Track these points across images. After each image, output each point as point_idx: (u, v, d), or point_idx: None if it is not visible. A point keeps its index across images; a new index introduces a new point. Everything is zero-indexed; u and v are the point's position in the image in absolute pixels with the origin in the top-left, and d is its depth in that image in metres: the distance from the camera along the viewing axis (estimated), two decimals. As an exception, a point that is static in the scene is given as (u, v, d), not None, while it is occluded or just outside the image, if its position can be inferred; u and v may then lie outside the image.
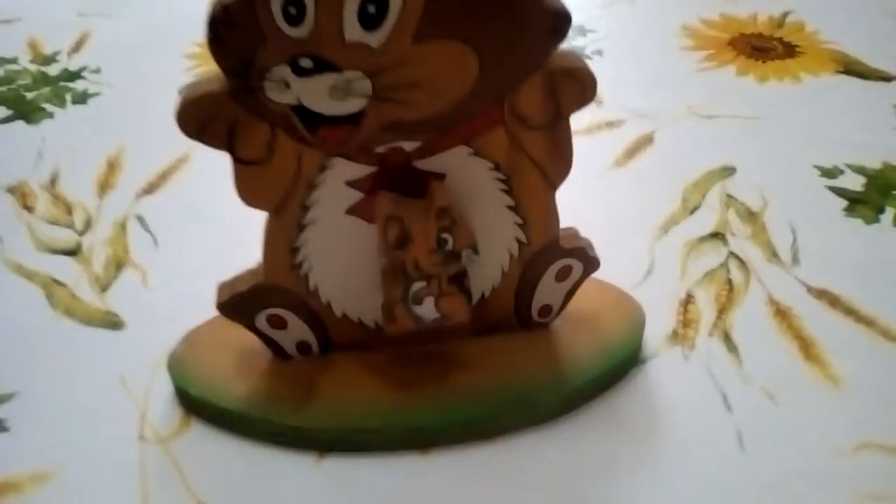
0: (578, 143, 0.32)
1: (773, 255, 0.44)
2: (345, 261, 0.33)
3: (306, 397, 0.34)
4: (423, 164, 0.30)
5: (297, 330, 0.34)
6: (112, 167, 0.52)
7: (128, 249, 0.45)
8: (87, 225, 0.47)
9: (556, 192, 0.33)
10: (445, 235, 0.30)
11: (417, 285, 0.31)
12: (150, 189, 0.50)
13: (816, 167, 0.51)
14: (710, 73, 0.61)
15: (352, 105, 0.27)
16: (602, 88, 0.30)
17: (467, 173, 0.31)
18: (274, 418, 0.33)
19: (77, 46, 0.66)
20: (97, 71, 0.63)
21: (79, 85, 0.61)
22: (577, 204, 0.34)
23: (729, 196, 0.49)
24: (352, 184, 0.31)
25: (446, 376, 0.35)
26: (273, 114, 0.28)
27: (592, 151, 0.52)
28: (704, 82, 0.60)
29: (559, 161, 0.31)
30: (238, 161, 0.29)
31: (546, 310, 0.36)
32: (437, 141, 0.30)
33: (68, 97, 0.60)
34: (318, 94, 0.27)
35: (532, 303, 0.36)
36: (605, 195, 0.49)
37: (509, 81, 0.29)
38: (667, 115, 0.56)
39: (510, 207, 0.32)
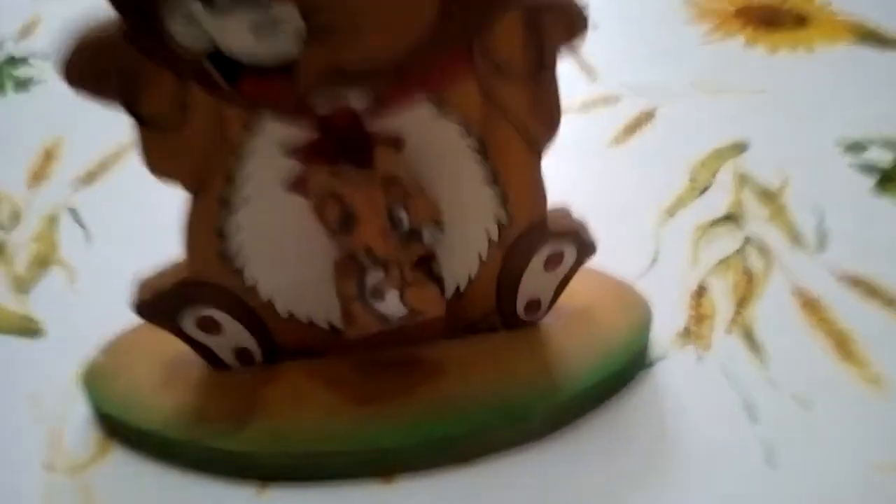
0: (570, 121, 0.26)
1: (797, 239, 0.38)
2: (289, 249, 0.27)
3: (247, 416, 0.28)
4: (378, 128, 0.25)
5: (234, 335, 0.29)
6: (48, 157, 0.46)
7: (56, 246, 0.40)
8: (14, 219, 0.41)
9: (543, 163, 0.27)
10: (399, 211, 0.24)
11: (374, 276, 0.25)
12: (88, 179, 0.44)
13: (839, 142, 0.45)
14: (715, 45, 0.56)
15: (281, 49, 0.22)
16: (597, 63, 0.25)
17: (432, 138, 0.25)
18: (207, 441, 0.28)
19: (25, 32, 0.61)
20: (44, 58, 0.57)
21: (23, 72, 0.56)
22: (569, 185, 0.29)
23: (742, 175, 0.43)
24: (290, 150, 0.25)
25: (415, 387, 0.29)
26: (183, 63, 0.22)
27: (586, 128, 0.47)
28: (709, 55, 0.55)
29: (544, 119, 0.25)
30: (142, 123, 0.24)
31: (534, 305, 0.30)
32: (392, 96, 0.24)
33: (10, 84, 0.55)
34: (237, 35, 0.21)
35: (517, 297, 0.30)
36: (601, 175, 0.43)
37: (478, 17, 0.23)
38: (669, 90, 0.51)
39: (486, 180, 0.27)
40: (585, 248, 0.29)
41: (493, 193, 0.27)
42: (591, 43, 0.25)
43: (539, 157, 0.27)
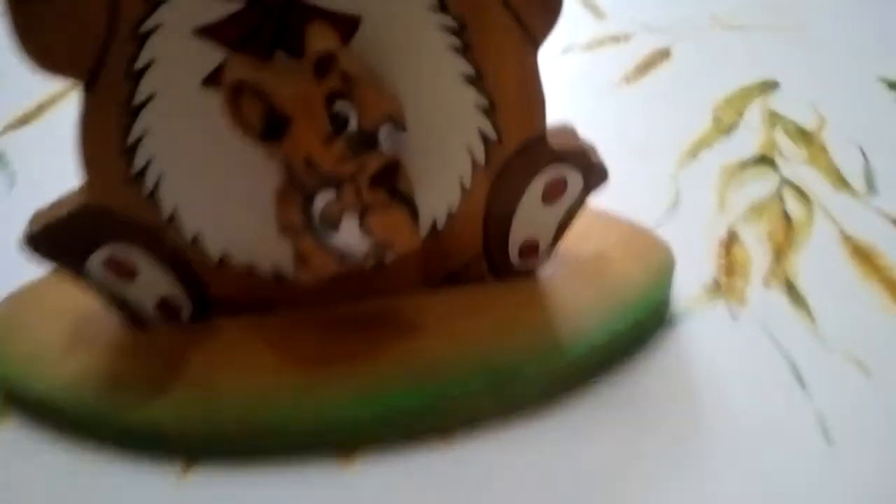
0: (576, 60, 0.20)
1: (841, 182, 0.33)
2: (214, 168, 0.21)
3: (170, 381, 0.23)
4: (322, 1, 0.19)
5: (153, 281, 0.23)
6: (-20, 99, 0.41)
7: (-26, 191, 0.34)
8: (-70, 165, 0.36)
9: (541, 68, 0.21)
10: (342, 107, 0.18)
11: (323, 198, 0.20)
12: (24, 120, 0.38)
13: (882, 80, 0.40)
14: (734, -20, 0.50)
15: None
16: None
17: (396, 18, 0.20)
18: (122, 412, 0.22)
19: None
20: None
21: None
22: (580, 126, 0.23)
23: (773, 113, 0.37)
24: (205, 32, 0.19)
25: (382, 347, 0.23)
26: None
27: (594, 67, 0.41)
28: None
29: (542, -5, 0.20)
30: (7, -11, 0.18)
31: (530, 248, 0.25)
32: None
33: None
34: None
35: (509, 237, 0.24)
36: (612, 115, 0.38)
37: None
38: (685, 26, 0.45)
39: (468, 78, 0.21)
40: (594, 173, 0.23)
41: (477, 97, 0.21)
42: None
43: (535, 51, 0.21)
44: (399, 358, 0.23)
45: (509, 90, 0.21)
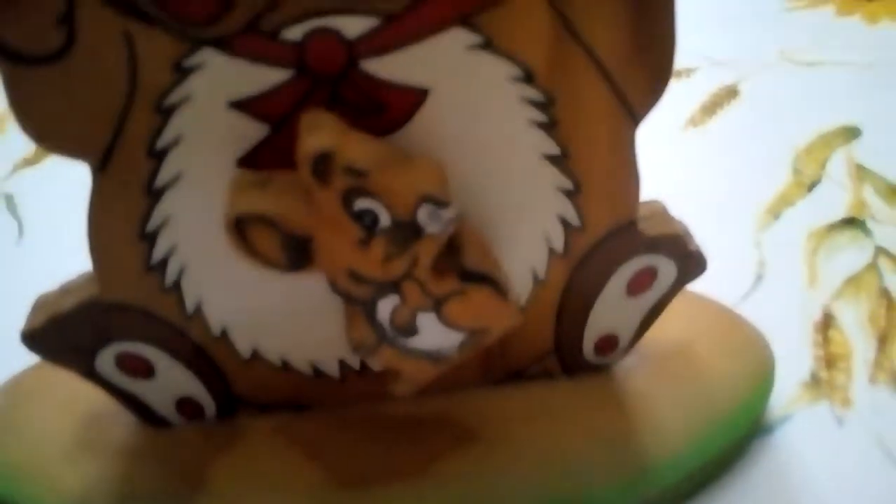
0: None
1: (946, 252, 0.29)
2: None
3: (189, 495, 0.19)
4: (384, 70, 0.16)
5: (172, 380, 0.20)
6: (-9, 131, 0.38)
7: (-21, 240, 0.31)
8: (-65, 207, 0.33)
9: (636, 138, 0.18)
10: (363, 203, 0.15)
11: (385, 305, 0.16)
12: (34, 160, 0.35)
13: (977, 127, 0.36)
14: (801, 12, 0.46)
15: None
16: None
17: (472, 89, 0.16)
18: (131, 535, 0.19)
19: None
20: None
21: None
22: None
23: (859, 166, 0.34)
24: (244, 106, 0.16)
25: (432, 461, 0.20)
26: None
27: (657, 106, 0.37)
28: (796, 23, 0.45)
29: (651, 66, 0.16)
30: (4, 52, 0.15)
31: (608, 343, 0.21)
32: (407, 17, 0.15)
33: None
34: None
35: (584, 331, 0.21)
36: (678, 165, 0.34)
37: None
38: (752, 61, 0.41)
39: (551, 158, 0.17)
40: (691, 263, 0.20)
41: (559, 178, 0.18)
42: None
43: (634, 128, 0.17)
44: (450, 475, 0.20)
45: (599, 172, 0.18)
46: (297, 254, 0.15)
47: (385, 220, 0.15)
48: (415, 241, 0.16)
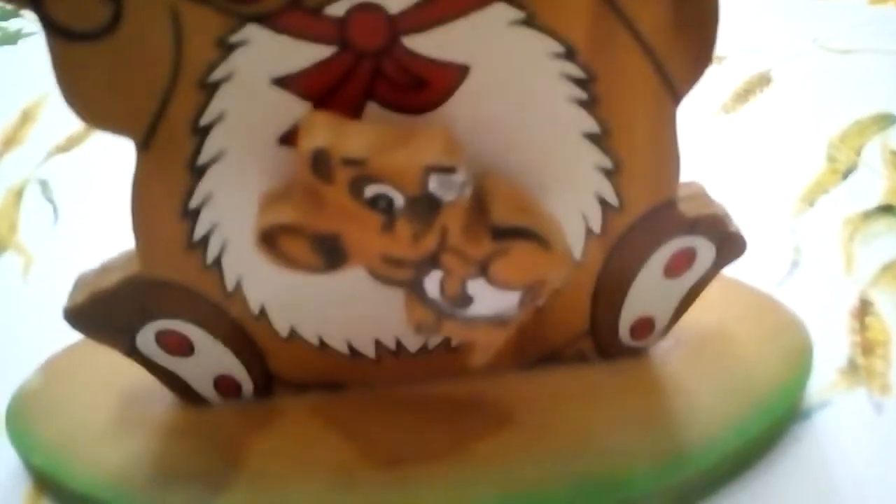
0: None
1: None
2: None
3: (227, 475, 0.20)
4: (426, 46, 0.16)
5: (211, 357, 0.20)
6: (26, 118, 0.38)
7: (16, 225, 0.31)
8: (-29, 192, 0.33)
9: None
10: (373, 189, 0.15)
11: (432, 281, 0.16)
12: (67, 146, 0.36)
13: None
14: (834, 0, 0.46)
15: None
16: None
17: (512, 66, 0.16)
18: (170, 511, 0.19)
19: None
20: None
21: (13, 24, 0.49)
22: None
23: (895, 153, 0.33)
24: (286, 82, 0.16)
25: (468, 443, 0.20)
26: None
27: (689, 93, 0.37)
28: (828, 10, 0.44)
29: (694, 41, 0.16)
30: (53, 29, 0.15)
31: (645, 326, 0.21)
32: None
33: (-4, 37, 0.47)
34: None
35: (621, 314, 0.21)
36: (710, 152, 0.34)
37: None
38: (785, 48, 0.41)
39: (591, 136, 0.17)
40: (730, 244, 0.20)
41: (598, 156, 0.18)
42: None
43: (675, 106, 0.17)
44: (486, 457, 0.20)
45: (639, 150, 0.18)
46: (331, 253, 0.15)
47: (399, 200, 0.15)
48: (436, 213, 0.15)
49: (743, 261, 0.25)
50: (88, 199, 0.32)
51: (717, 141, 0.34)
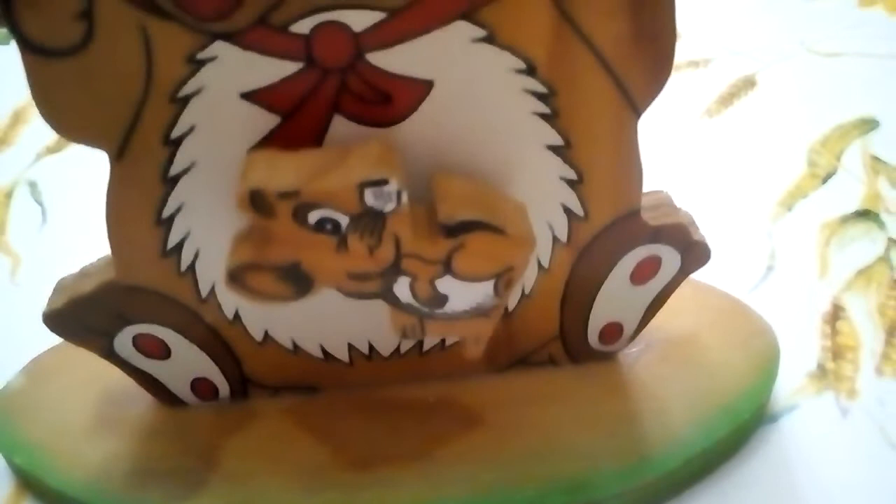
0: None
1: (960, 245, 0.29)
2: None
3: (202, 474, 0.20)
4: (390, 62, 0.16)
5: (187, 361, 0.20)
6: (16, 120, 0.39)
7: (5, 227, 0.32)
8: (-39, 194, 0.34)
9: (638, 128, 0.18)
10: (316, 214, 0.15)
11: (401, 288, 0.17)
12: (57, 148, 0.36)
13: None
14: (823, 3, 0.46)
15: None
16: (681, 17, 0.16)
17: (475, 81, 0.17)
18: (146, 510, 0.20)
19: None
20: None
21: (7, 25, 0.49)
22: (654, 167, 0.20)
23: (875, 158, 0.33)
24: (255, 96, 0.16)
25: (438, 445, 0.20)
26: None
27: (671, 95, 0.37)
28: (816, 13, 0.45)
29: (650, 57, 0.16)
30: (27, 45, 0.15)
31: (612, 331, 0.22)
32: (411, 11, 0.15)
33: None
34: None
35: (589, 319, 0.21)
36: (694, 155, 0.34)
37: None
38: (772, 51, 0.41)
39: (552, 146, 0.18)
40: (694, 252, 0.20)
41: (562, 168, 0.18)
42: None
43: (636, 119, 0.18)
44: (456, 459, 0.20)
45: (601, 161, 0.18)
46: (297, 281, 0.16)
47: (343, 220, 0.15)
48: (383, 224, 0.16)
49: (718, 265, 0.26)
50: (76, 202, 0.33)
51: (698, 145, 0.35)
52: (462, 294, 0.17)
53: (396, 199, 0.15)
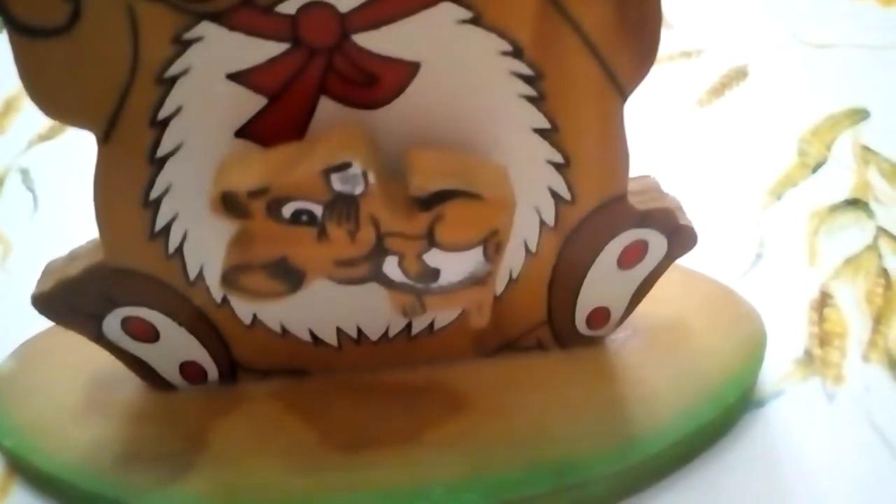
0: None
1: (949, 234, 0.29)
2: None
3: (191, 457, 0.20)
4: (376, 43, 0.16)
5: (176, 344, 0.20)
6: (8, 108, 0.39)
7: (-7, 211, 0.32)
8: (-47, 180, 0.34)
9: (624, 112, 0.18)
10: (290, 207, 0.16)
11: (390, 268, 0.17)
12: (49, 135, 0.36)
13: None
14: (815, -6, 0.46)
15: None
16: (674, 10, 0.16)
17: (461, 63, 0.17)
18: (136, 495, 0.20)
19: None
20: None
21: (2, 12, 0.49)
22: (645, 156, 0.20)
23: (865, 148, 0.33)
24: (241, 77, 0.16)
25: (427, 428, 0.20)
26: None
27: (664, 86, 0.37)
28: (809, 4, 0.45)
29: (636, 40, 0.17)
30: (14, 26, 0.15)
31: (600, 316, 0.22)
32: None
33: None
34: None
35: (577, 304, 0.21)
36: (685, 144, 0.34)
37: None
38: (763, 42, 0.41)
39: (541, 131, 0.18)
40: (681, 237, 0.20)
41: (549, 151, 0.18)
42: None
43: (622, 102, 0.18)
44: (444, 442, 0.20)
45: (588, 145, 0.18)
46: (288, 275, 0.16)
47: (317, 209, 0.16)
48: (356, 207, 0.16)
49: (708, 252, 0.26)
50: (68, 189, 0.33)
51: (690, 135, 0.35)
52: (453, 265, 0.17)
53: (363, 180, 0.15)
